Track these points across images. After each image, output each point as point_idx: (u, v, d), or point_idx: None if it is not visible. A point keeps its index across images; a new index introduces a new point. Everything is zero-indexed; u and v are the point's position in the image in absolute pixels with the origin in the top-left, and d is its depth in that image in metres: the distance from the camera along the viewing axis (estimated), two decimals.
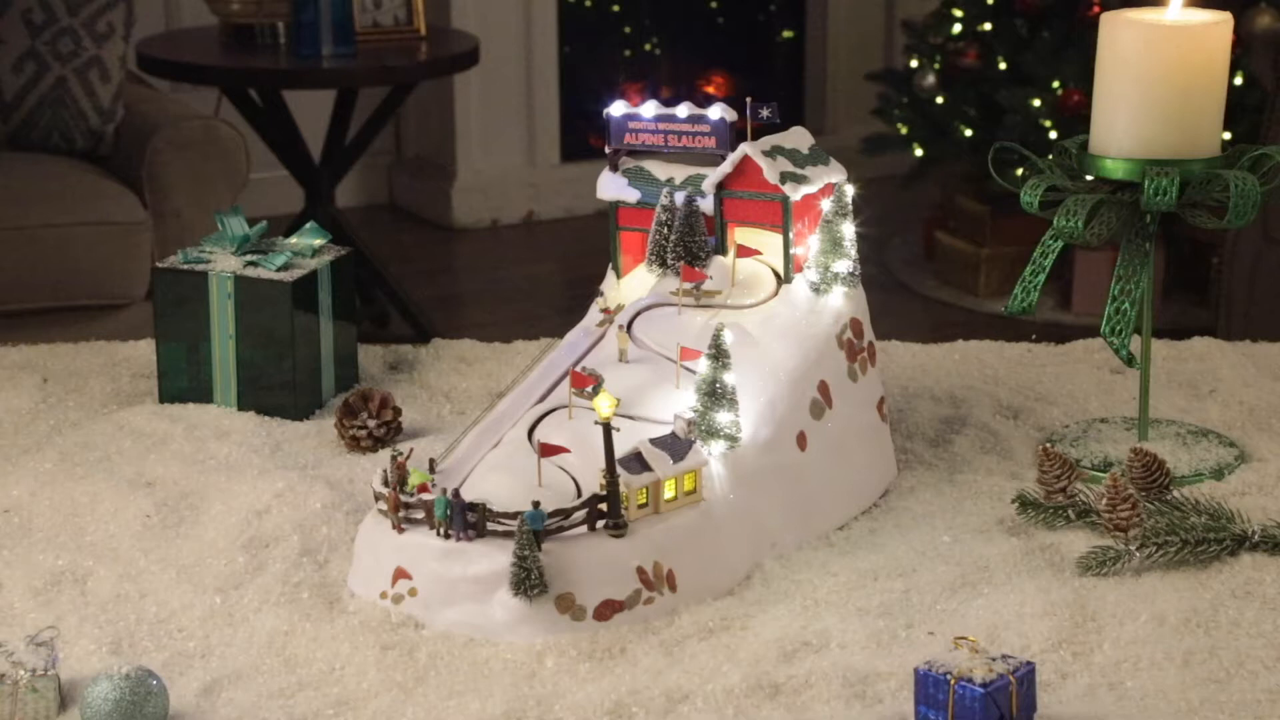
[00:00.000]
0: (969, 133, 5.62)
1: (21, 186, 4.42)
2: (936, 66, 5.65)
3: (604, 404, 1.96)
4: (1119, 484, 2.10)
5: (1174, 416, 2.45)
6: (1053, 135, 5.38)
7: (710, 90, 6.52)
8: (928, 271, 5.86)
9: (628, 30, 6.50)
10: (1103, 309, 2.24)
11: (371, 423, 2.34)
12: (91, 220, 4.41)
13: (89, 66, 4.64)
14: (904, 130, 5.72)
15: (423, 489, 1.98)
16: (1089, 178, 2.29)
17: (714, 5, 6.61)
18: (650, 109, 2.28)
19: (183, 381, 2.46)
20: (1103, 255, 5.39)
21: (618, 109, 2.31)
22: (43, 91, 4.64)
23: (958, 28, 5.66)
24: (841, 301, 2.24)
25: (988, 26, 5.58)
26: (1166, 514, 2.13)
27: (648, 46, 6.53)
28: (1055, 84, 5.41)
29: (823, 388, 2.19)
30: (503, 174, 6.30)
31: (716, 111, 2.25)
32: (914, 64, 5.74)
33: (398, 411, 2.37)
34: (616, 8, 6.48)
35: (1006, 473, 2.32)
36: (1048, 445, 2.18)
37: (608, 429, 1.95)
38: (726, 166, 2.23)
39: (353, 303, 2.52)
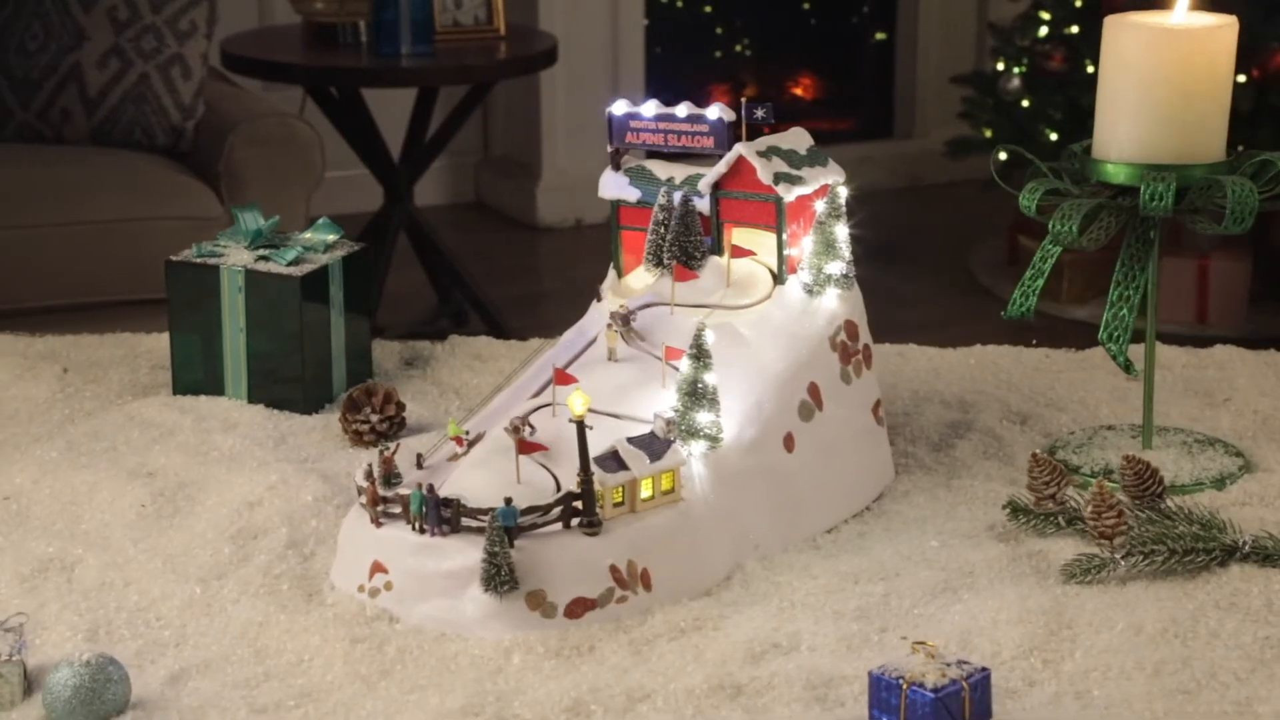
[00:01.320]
0: (1054, 136, 5.57)
1: (101, 180, 4.48)
2: (1022, 69, 5.61)
3: (577, 402, 1.96)
4: (1105, 491, 2.08)
5: (1185, 424, 2.43)
6: None
7: (798, 92, 6.51)
8: (1010, 276, 5.80)
9: (719, 31, 6.50)
10: (1191, 319, 2.22)
11: (374, 417, 2.36)
12: (168, 215, 4.46)
13: (171, 63, 4.69)
14: (988, 134, 5.68)
15: (397, 478, 2.00)
16: (1090, 183, 2.27)
17: (807, 7, 6.59)
18: (650, 108, 2.29)
19: (197, 374, 2.49)
20: (1187, 263, 5.31)
21: (619, 108, 2.31)
22: (126, 88, 4.70)
23: (1044, 30, 5.61)
24: (836, 303, 2.23)
25: (1075, 29, 5.53)
26: (1157, 523, 2.11)
27: (738, 48, 6.52)
28: None
29: (813, 389, 2.19)
30: (587, 174, 6.28)
31: (715, 111, 2.25)
32: (1000, 67, 5.70)
33: (401, 406, 2.38)
34: (708, 9, 6.48)
35: (1005, 479, 2.30)
36: (1038, 451, 2.16)
37: (581, 427, 1.96)
38: (722, 166, 2.23)
39: (366, 298, 2.54)
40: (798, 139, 2.27)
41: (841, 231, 2.22)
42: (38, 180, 4.41)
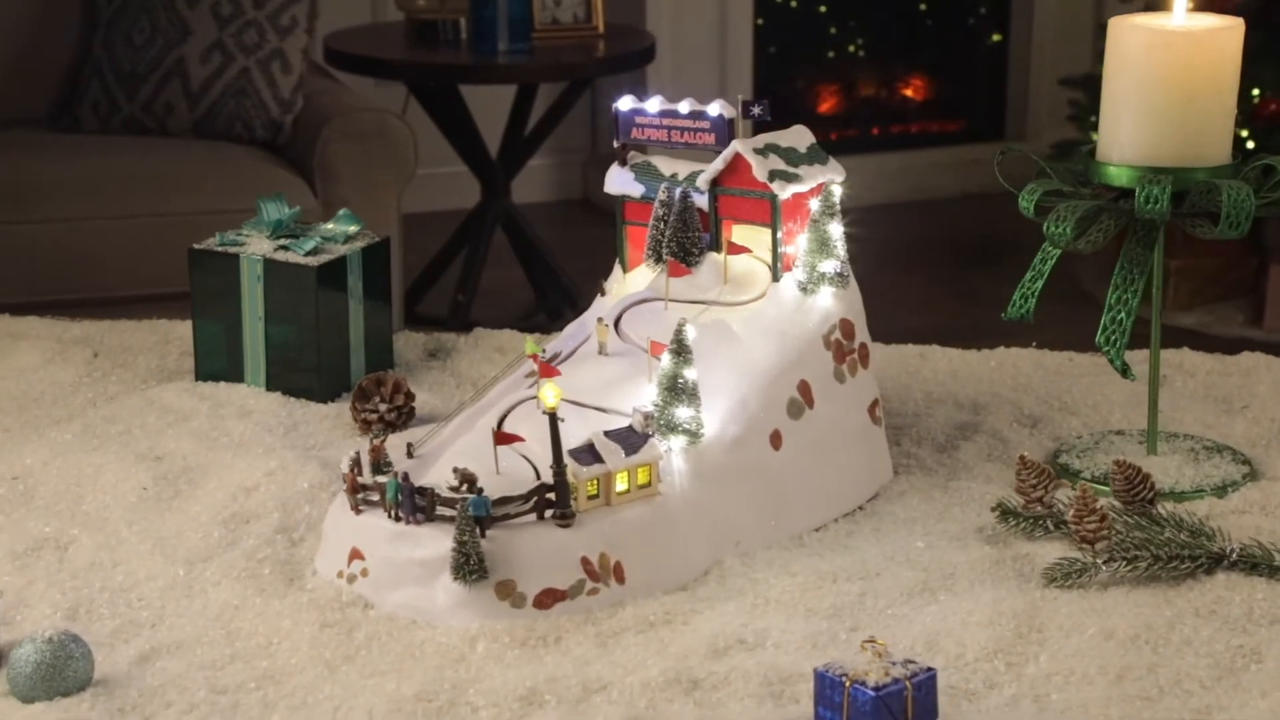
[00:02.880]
0: None
1: (199, 172, 4.55)
2: None
3: (549, 394, 1.98)
4: (1088, 495, 2.06)
5: (1198, 431, 2.40)
6: (1249, 145, 5.24)
7: (908, 93, 6.47)
8: None
9: (833, 31, 6.48)
10: None
11: (383, 406, 2.39)
12: None
13: (272, 58, 4.76)
14: (1095, 137, 5.60)
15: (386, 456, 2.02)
16: (1093, 185, 2.25)
17: (923, 8, 6.55)
18: (655, 104, 2.30)
19: (220, 361, 2.53)
20: None
21: (625, 104, 2.32)
22: (227, 81, 4.77)
23: None
24: (831, 302, 2.23)
25: None
26: (1145, 528, 2.09)
27: (851, 48, 6.49)
28: (1255, 92, 5.27)
29: (803, 387, 2.18)
30: None
31: (716, 108, 2.25)
32: None
33: (410, 396, 2.41)
34: (823, 9, 6.46)
35: (1005, 481, 2.29)
36: (1025, 454, 2.14)
37: (554, 419, 1.97)
38: (719, 163, 2.23)
39: (387, 289, 2.56)
40: (798, 137, 2.27)
41: (836, 230, 2.21)
42: (139, 172, 4.49)
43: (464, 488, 1.97)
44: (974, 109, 6.51)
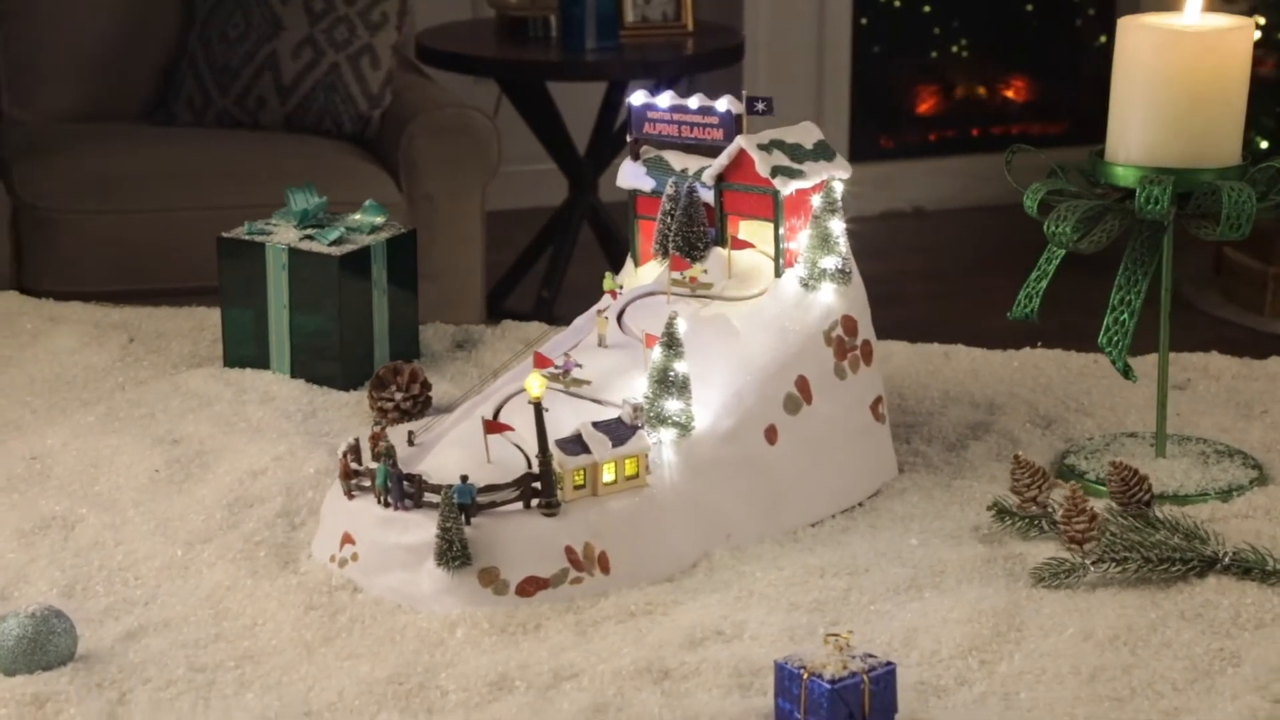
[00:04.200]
0: (1264, 144, 5.43)
1: (287, 166, 4.60)
2: None
3: (534, 384, 2.00)
4: (1077, 495, 2.06)
5: (1213, 435, 2.38)
6: (1263, 146, 5.19)
7: (1009, 95, 6.43)
8: (1214, 288, 5.68)
9: (936, 31, 6.45)
10: None
11: (399, 395, 2.42)
12: (346, 201, 4.57)
13: (361, 54, 4.82)
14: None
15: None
16: (1100, 185, 2.24)
17: (1029, 9, 6.51)
18: (666, 99, 2.31)
19: (248, 348, 2.57)
20: None
21: (638, 98, 2.34)
22: (317, 77, 4.83)
23: (1257, 35, 5.47)
24: (833, 298, 2.23)
25: None
26: (1139, 530, 2.07)
27: (954, 48, 6.47)
28: None
29: (801, 383, 2.19)
30: None
31: (724, 104, 2.26)
32: None
33: (427, 385, 2.43)
34: (927, 9, 6.44)
35: (1010, 481, 2.28)
36: (1020, 454, 2.14)
37: (539, 409, 1.99)
38: (724, 159, 2.25)
39: (413, 279, 2.59)
40: (805, 133, 2.27)
41: (837, 226, 2.22)
42: (229, 164, 4.56)
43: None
44: (1076, 112, 6.46)
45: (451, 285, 4.52)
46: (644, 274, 2.36)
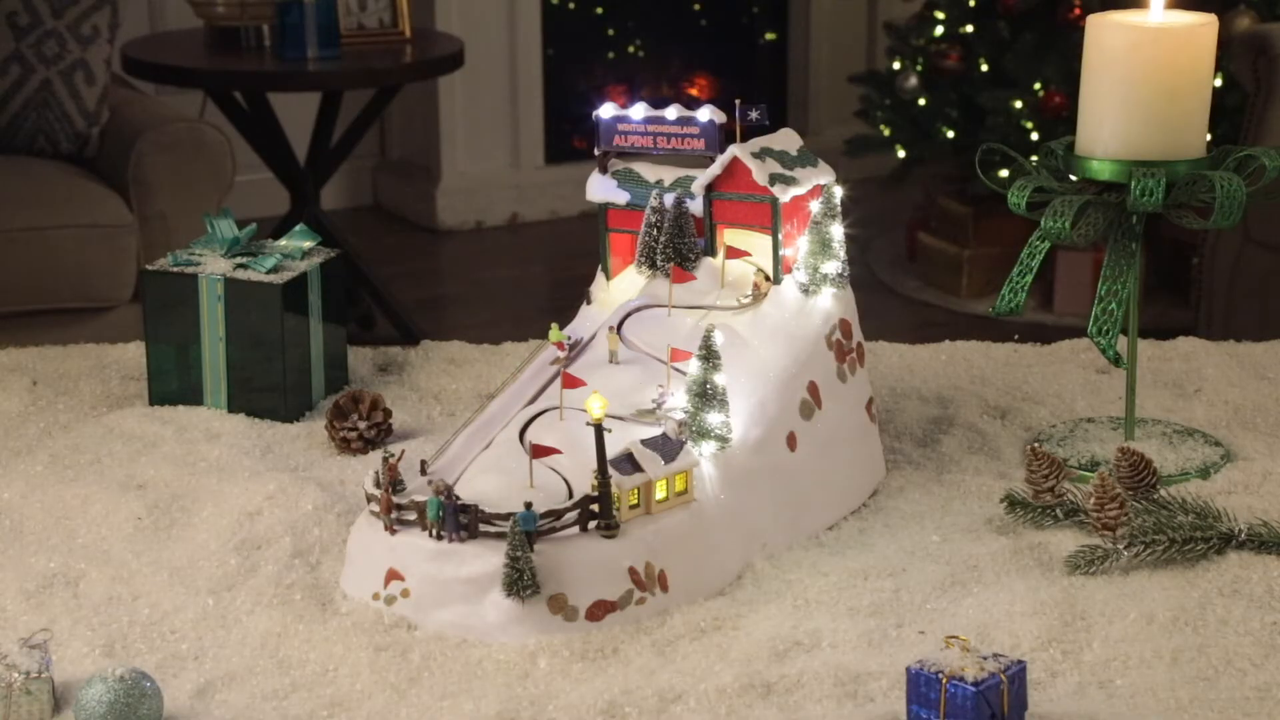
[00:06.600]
0: (951, 134, 5.63)
1: (6, 189, 4.41)
2: (919, 68, 5.67)
3: (595, 405, 1.97)
4: (1107, 483, 2.11)
5: (1160, 416, 2.47)
6: (1034, 137, 5.40)
7: (694, 93, 6.53)
8: (910, 272, 5.87)
9: (611, 32, 6.51)
10: (1087, 309, 2.26)
11: (362, 424, 2.35)
12: (77, 223, 4.40)
13: (74, 69, 4.64)
14: (886, 132, 5.73)
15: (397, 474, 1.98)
16: (1075, 179, 2.30)
17: (697, 8, 6.62)
18: (639, 111, 2.29)
19: (173, 384, 2.46)
20: (1085, 255, 5.40)
21: (607, 110, 2.31)
22: (28, 94, 4.63)
23: (940, 29, 5.67)
24: (830, 302, 2.25)
25: (970, 28, 5.59)
26: (1154, 513, 2.14)
27: (631, 49, 6.53)
28: (1037, 86, 5.43)
29: (812, 388, 2.20)
30: (487, 176, 6.31)
31: (705, 114, 2.26)
32: (896, 66, 5.75)
33: (388, 413, 2.37)
34: (600, 10, 6.49)
35: (994, 472, 2.33)
36: (1035, 445, 2.19)
37: (599, 430, 1.96)
38: (716, 168, 2.24)
39: (343, 304, 2.52)
40: (787, 140, 2.28)
41: (837, 231, 2.23)
42: None
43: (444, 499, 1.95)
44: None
45: None
46: (616, 287, 2.34)
